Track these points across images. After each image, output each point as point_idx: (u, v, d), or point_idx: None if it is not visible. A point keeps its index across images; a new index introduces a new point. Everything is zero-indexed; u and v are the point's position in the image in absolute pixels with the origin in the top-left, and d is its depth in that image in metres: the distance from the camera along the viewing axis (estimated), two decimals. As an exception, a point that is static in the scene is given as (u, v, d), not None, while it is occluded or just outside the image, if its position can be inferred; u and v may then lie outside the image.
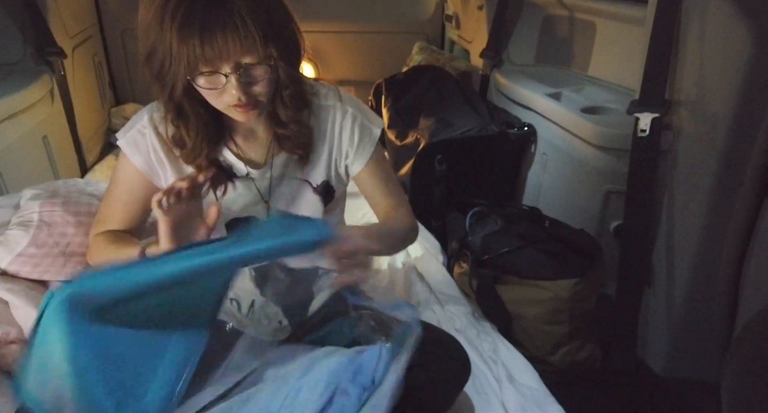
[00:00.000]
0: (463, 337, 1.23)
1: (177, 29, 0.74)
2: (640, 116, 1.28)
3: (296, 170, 0.96)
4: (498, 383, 1.10)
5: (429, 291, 1.41)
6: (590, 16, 1.82)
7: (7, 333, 1.04)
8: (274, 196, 0.96)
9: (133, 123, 0.93)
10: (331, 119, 0.95)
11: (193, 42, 0.75)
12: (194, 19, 0.74)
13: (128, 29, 2.52)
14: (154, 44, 0.78)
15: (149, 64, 0.80)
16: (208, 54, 0.76)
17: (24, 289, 1.06)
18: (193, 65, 0.77)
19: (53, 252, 1.07)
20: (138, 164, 0.91)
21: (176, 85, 0.80)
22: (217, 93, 0.81)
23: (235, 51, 0.76)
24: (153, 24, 0.77)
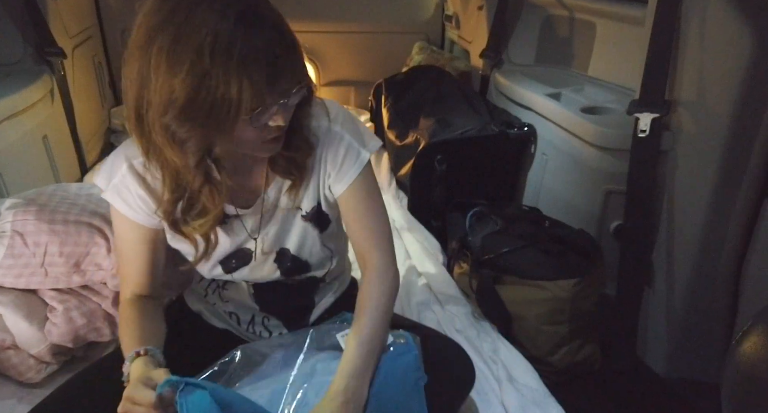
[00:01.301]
0: (463, 337, 1.23)
1: (239, 64, 0.63)
2: (640, 116, 1.28)
3: (286, 201, 0.90)
4: (498, 383, 1.10)
5: (429, 291, 1.41)
6: (590, 16, 1.82)
7: (3, 339, 1.05)
8: (267, 229, 0.91)
9: (110, 171, 0.83)
10: (320, 141, 0.88)
11: (259, 75, 0.65)
12: (253, 48, 0.64)
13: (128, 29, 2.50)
14: (193, 87, 0.65)
15: (187, 115, 0.66)
16: (272, 86, 0.67)
17: (12, 300, 1.05)
18: (256, 102, 0.67)
19: (33, 262, 1.05)
20: (130, 216, 0.85)
21: (224, 133, 0.70)
22: (260, 129, 0.72)
23: (287, 77, 0.69)
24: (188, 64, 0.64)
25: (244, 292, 1.00)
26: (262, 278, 0.96)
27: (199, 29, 0.63)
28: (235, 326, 1.05)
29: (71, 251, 1.07)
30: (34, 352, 1.06)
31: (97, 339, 1.11)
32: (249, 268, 0.93)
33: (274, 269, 0.95)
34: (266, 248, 0.92)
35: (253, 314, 1.03)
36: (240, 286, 1.00)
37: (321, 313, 1.08)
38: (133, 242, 0.87)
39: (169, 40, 0.64)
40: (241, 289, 1.00)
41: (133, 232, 0.86)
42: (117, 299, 1.12)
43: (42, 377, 1.08)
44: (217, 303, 1.03)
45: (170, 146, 0.71)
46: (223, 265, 0.92)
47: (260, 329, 1.05)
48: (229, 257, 0.91)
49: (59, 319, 1.06)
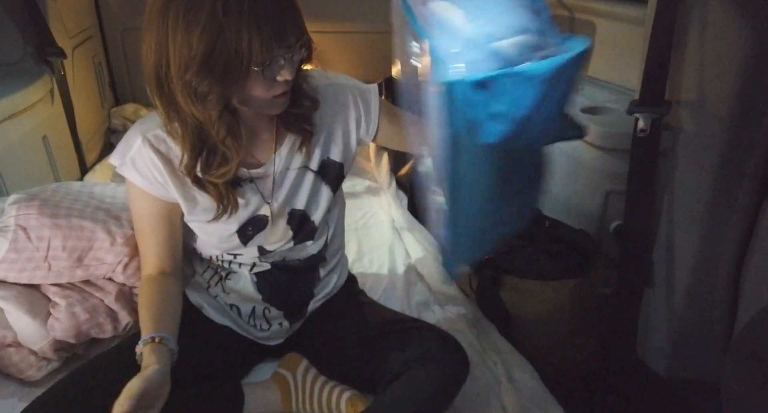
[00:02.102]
0: (463, 337, 1.23)
1: (249, 19, 0.70)
2: (639, 116, 1.28)
3: (297, 160, 0.95)
4: (497, 383, 1.10)
5: (429, 292, 1.41)
6: (590, 16, 1.82)
7: (4, 336, 1.05)
8: (279, 191, 0.95)
9: (125, 146, 0.88)
10: (325, 99, 0.94)
11: (267, 29, 0.71)
12: (260, 4, 0.71)
13: (128, 29, 2.52)
14: (210, 42, 0.71)
15: (206, 69, 0.73)
16: (279, 40, 0.73)
17: (15, 295, 1.06)
18: (264, 55, 0.73)
19: (36, 256, 1.06)
20: (146, 188, 0.89)
21: (239, 85, 0.76)
22: (269, 83, 0.78)
23: (292, 32, 0.75)
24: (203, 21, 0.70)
25: (247, 282, 1.02)
26: (275, 243, 0.98)
27: None
28: (236, 318, 1.06)
29: (74, 246, 1.08)
30: (37, 348, 1.06)
31: (99, 335, 1.11)
32: (264, 234, 0.96)
33: (287, 231, 0.98)
34: (277, 209, 0.95)
35: (255, 305, 1.04)
36: (243, 276, 1.02)
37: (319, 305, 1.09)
38: (150, 216, 0.91)
39: (183, 4, 0.71)
40: (244, 279, 1.02)
41: (149, 206, 0.90)
42: (119, 295, 1.13)
43: (42, 375, 1.08)
44: (219, 295, 1.04)
45: (192, 102, 0.76)
46: (240, 235, 0.95)
47: (260, 321, 1.06)
48: (245, 224, 0.94)
49: (62, 315, 1.07)
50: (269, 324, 1.06)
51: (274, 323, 1.07)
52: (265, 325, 1.06)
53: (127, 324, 1.13)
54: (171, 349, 0.84)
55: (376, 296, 1.37)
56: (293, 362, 1.09)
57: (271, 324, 1.06)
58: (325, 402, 1.03)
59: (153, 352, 0.81)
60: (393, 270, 1.51)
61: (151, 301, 0.90)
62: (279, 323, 1.07)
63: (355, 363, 1.02)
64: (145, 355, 0.81)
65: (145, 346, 0.82)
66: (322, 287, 1.09)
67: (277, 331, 1.08)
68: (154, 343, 0.82)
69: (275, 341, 1.10)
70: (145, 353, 0.81)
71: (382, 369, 0.94)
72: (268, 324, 1.06)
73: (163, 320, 0.87)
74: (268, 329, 1.07)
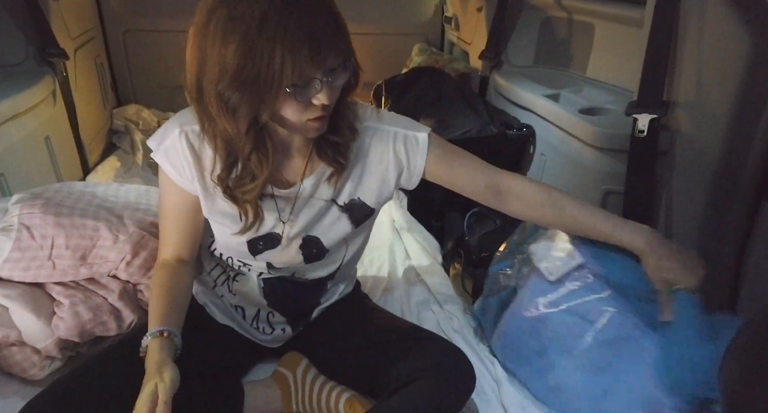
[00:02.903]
0: (461, 337, 1.23)
1: (282, 40, 0.70)
2: (638, 117, 1.28)
3: (324, 192, 0.94)
4: (497, 383, 1.11)
5: (428, 291, 1.42)
6: (589, 17, 1.83)
7: (7, 335, 1.05)
8: (298, 216, 0.94)
9: (162, 134, 0.89)
10: (368, 141, 0.93)
11: (301, 51, 0.70)
12: (297, 26, 0.70)
13: (130, 30, 2.53)
14: (242, 58, 0.71)
15: (237, 83, 0.73)
16: (315, 63, 0.72)
17: (20, 293, 1.06)
18: (297, 76, 0.72)
19: (40, 255, 1.07)
20: (175, 179, 0.89)
21: (269, 103, 0.75)
22: (304, 105, 0.77)
23: (332, 55, 0.74)
24: (238, 38, 0.70)
25: (254, 286, 1.02)
26: (284, 263, 0.99)
27: (250, 7, 0.70)
28: (240, 320, 1.06)
29: (77, 244, 1.08)
30: (41, 347, 1.06)
31: (103, 333, 1.12)
32: (274, 252, 0.96)
33: (298, 255, 0.98)
34: (293, 233, 0.95)
35: (259, 309, 1.05)
36: (251, 279, 1.02)
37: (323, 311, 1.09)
38: (175, 205, 0.92)
39: (224, 17, 0.71)
40: (252, 283, 1.02)
41: (176, 195, 0.91)
42: (123, 293, 1.13)
43: (45, 374, 1.08)
44: (225, 295, 1.05)
45: (223, 113, 0.77)
46: (249, 247, 0.95)
47: (264, 324, 1.06)
48: (257, 239, 0.94)
49: (66, 313, 1.07)
50: (272, 329, 1.07)
51: (277, 328, 1.07)
52: (268, 329, 1.07)
53: (131, 322, 1.13)
54: (176, 345, 0.85)
55: (376, 296, 1.38)
56: (293, 361, 1.09)
57: (274, 328, 1.07)
58: (324, 402, 1.03)
59: (160, 347, 0.82)
60: (393, 270, 1.51)
61: (164, 290, 0.91)
62: (282, 328, 1.07)
63: (358, 367, 1.02)
64: (152, 349, 0.82)
65: (153, 339, 0.83)
66: (328, 297, 1.09)
67: (279, 336, 1.09)
68: (162, 337, 0.83)
69: (277, 344, 1.11)
70: (152, 347, 0.82)
71: (387, 376, 0.94)
72: (271, 328, 1.07)
73: (172, 313, 0.88)
74: (270, 333, 1.07)
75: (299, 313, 1.07)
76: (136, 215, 1.16)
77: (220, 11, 0.72)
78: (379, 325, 1.07)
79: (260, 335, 1.08)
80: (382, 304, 1.32)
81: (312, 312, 1.09)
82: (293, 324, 1.08)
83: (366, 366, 1.01)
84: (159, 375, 0.78)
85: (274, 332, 1.07)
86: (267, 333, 1.07)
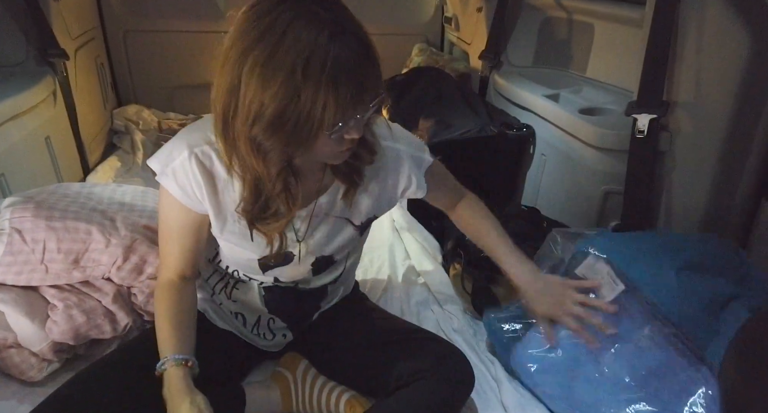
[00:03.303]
0: (461, 337, 1.23)
1: (328, 83, 0.66)
2: (637, 117, 1.28)
3: (339, 209, 0.93)
4: (497, 382, 1.11)
5: (428, 291, 1.42)
6: (588, 17, 1.83)
7: (5, 338, 1.05)
8: (313, 235, 0.93)
9: (169, 155, 0.84)
10: (383, 160, 0.92)
11: (345, 94, 0.67)
12: (343, 68, 0.66)
13: (130, 31, 2.53)
14: (282, 103, 0.67)
15: (273, 128, 0.69)
16: (357, 103, 0.70)
17: (13, 297, 1.05)
18: (339, 118, 0.69)
19: (32, 259, 1.06)
20: (183, 201, 0.86)
21: (306, 146, 0.72)
22: (337, 142, 0.75)
23: (370, 94, 0.72)
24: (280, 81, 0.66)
25: (255, 294, 1.01)
26: (292, 277, 0.99)
27: (293, 46, 0.66)
28: (240, 327, 1.06)
29: (69, 248, 1.08)
30: (37, 350, 1.06)
31: (98, 336, 1.11)
32: (285, 268, 0.96)
33: (309, 270, 0.98)
34: (308, 252, 0.95)
35: (260, 315, 1.04)
36: (251, 288, 1.01)
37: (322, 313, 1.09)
38: (179, 226, 0.89)
39: (264, 56, 0.66)
40: (252, 291, 1.01)
41: (182, 216, 0.88)
42: (117, 296, 1.13)
43: (43, 376, 1.08)
44: (224, 303, 1.04)
45: (254, 155, 0.74)
46: (261, 264, 0.94)
47: (264, 330, 1.06)
48: (269, 257, 0.92)
49: (59, 317, 1.07)
50: (273, 335, 1.07)
51: (278, 333, 1.07)
52: (269, 335, 1.06)
53: (126, 325, 1.13)
54: (196, 373, 0.85)
55: (376, 296, 1.38)
56: (293, 361, 1.09)
57: (275, 334, 1.07)
58: (324, 403, 1.03)
59: (185, 376, 0.82)
60: (393, 270, 1.51)
61: (172, 310, 0.89)
62: (283, 334, 1.07)
63: (358, 368, 1.02)
64: (176, 376, 0.82)
65: (177, 367, 0.83)
66: (329, 300, 1.10)
67: (280, 341, 1.09)
68: (185, 366, 0.83)
69: (277, 348, 1.11)
70: (176, 374, 0.82)
71: (387, 376, 0.94)
72: (272, 334, 1.06)
73: (186, 338, 0.88)
74: (272, 339, 1.07)
75: (300, 318, 1.07)
76: (130, 218, 1.15)
77: (258, 53, 0.67)
78: (379, 326, 1.07)
79: (261, 341, 1.08)
80: (382, 304, 1.32)
81: (312, 315, 1.09)
82: (293, 329, 1.08)
83: (366, 366, 1.01)
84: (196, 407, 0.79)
85: (275, 338, 1.07)
86: (268, 339, 1.07)
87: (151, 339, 0.89)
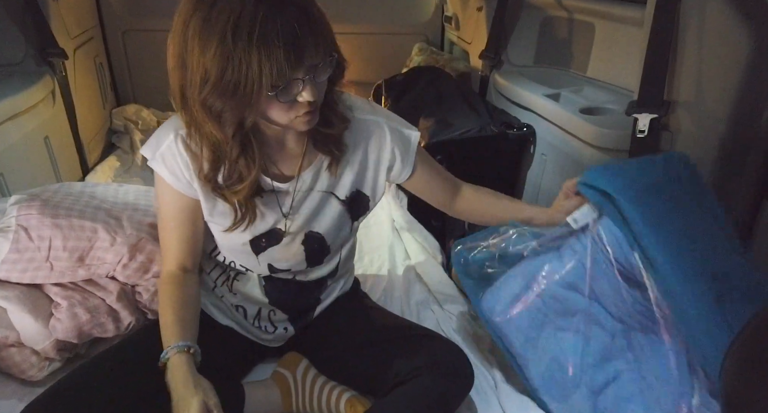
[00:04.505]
0: (461, 337, 1.23)
1: (258, 45, 0.69)
2: (638, 117, 1.28)
3: (324, 183, 0.94)
4: (496, 382, 1.11)
5: (428, 291, 1.42)
6: (589, 17, 1.83)
7: (6, 337, 1.05)
8: (299, 209, 0.95)
9: (157, 141, 0.88)
10: (365, 133, 0.94)
11: (278, 54, 0.70)
12: (272, 29, 0.69)
13: (129, 30, 2.53)
14: (221, 67, 0.71)
15: (219, 91, 0.73)
16: (293, 63, 0.71)
17: (17, 295, 1.06)
18: (276, 79, 0.72)
19: (38, 256, 1.06)
20: (173, 184, 0.89)
21: (253, 107, 0.75)
22: (289, 104, 0.77)
23: (310, 54, 0.73)
24: (215, 45, 0.70)
25: (255, 284, 1.02)
26: (287, 261, 0.99)
27: (223, 12, 0.70)
28: (241, 320, 1.06)
29: (75, 246, 1.08)
30: (39, 348, 1.06)
31: (101, 334, 1.11)
32: (277, 248, 0.96)
33: (301, 251, 0.98)
34: (295, 228, 0.95)
35: (260, 307, 1.05)
36: (252, 278, 1.02)
37: (325, 309, 1.09)
38: (175, 212, 0.91)
39: (199, 24, 0.71)
40: (253, 281, 1.02)
41: (175, 202, 0.90)
42: (121, 295, 1.13)
43: (44, 375, 1.08)
44: (225, 296, 1.05)
45: (209, 119, 0.77)
46: (252, 245, 0.95)
47: (266, 323, 1.06)
48: (259, 236, 0.94)
49: (63, 315, 1.07)
50: (274, 327, 1.07)
51: (279, 326, 1.07)
52: (270, 328, 1.07)
53: (129, 324, 1.13)
54: (197, 361, 0.86)
55: (376, 296, 1.37)
56: (293, 361, 1.09)
57: (276, 326, 1.07)
58: (324, 402, 1.03)
59: (187, 362, 0.83)
60: (393, 270, 1.51)
61: (174, 302, 0.90)
62: (284, 327, 1.08)
63: (357, 366, 1.03)
64: (179, 364, 0.82)
65: (179, 354, 0.83)
66: (328, 294, 1.10)
67: (281, 335, 1.09)
68: (187, 353, 0.84)
69: (278, 343, 1.11)
70: (179, 362, 0.83)
71: (387, 373, 0.94)
72: (273, 326, 1.07)
73: (188, 327, 0.89)
74: (273, 332, 1.07)
75: (301, 310, 1.07)
76: (135, 217, 1.16)
77: (196, 18, 0.71)
78: (379, 324, 1.07)
79: (262, 334, 1.08)
80: (381, 304, 1.32)
81: (314, 309, 1.09)
82: (295, 322, 1.08)
83: (365, 364, 1.01)
84: (201, 391, 0.79)
85: (276, 330, 1.07)
86: (269, 331, 1.07)
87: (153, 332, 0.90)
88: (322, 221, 0.97)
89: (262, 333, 1.08)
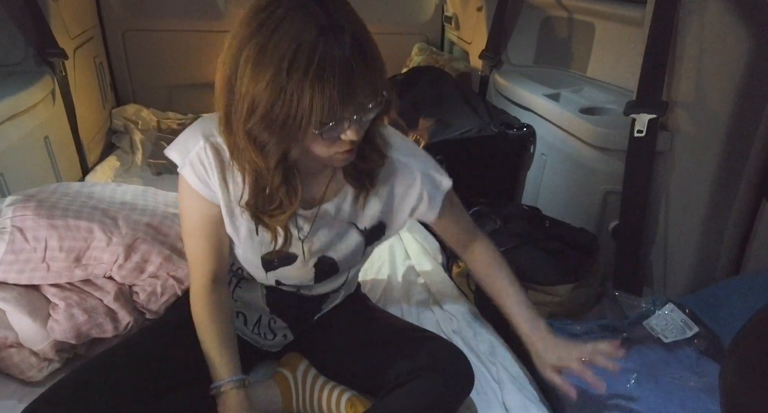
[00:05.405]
0: (461, 338, 1.23)
1: (313, 80, 0.66)
2: (636, 117, 1.28)
3: (346, 213, 0.93)
4: (497, 383, 1.11)
5: (428, 292, 1.42)
6: (589, 17, 1.83)
7: (5, 337, 1.04)
8: (316, 235, 0.93)
9: (184, 147, 0.85)
10: (397, 171, 0.92)
11: (331, 91, 0.67)
12: (329, 64, 0.67)
13: (129, 30, 2.53)
14: (271, 99, 0.68)
15: (266, 123, 0.71)
16: (345, 101, 0.69)
17: (15, 296, 1.05)
18: (326, 116, 0.69)
19: (34, 257, 1.06)
20: (202, 191, 0.86)
21: (298, 142, 0.74)
22: (332, 141, 0.75)
23: (362, 93, 0.71)
24: (269, 76, 0.67)
25: (257, 293, 1.02)
26: (296, 278, 0.98)
27: (281, 42, 0.67)
28: (241, 326, 1.06)
29: (71, 246, 1.08)
30: (38, 349, 1.06)
31: (100, 335, 1.11)
32: (288, 269, 0.95)
33: (311, 272, 0.97)
34: (311, 252, 0.94)
35: (261, 315, 1.04)
36: (254, 287, 1.01)
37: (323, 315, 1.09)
38: (203, 219, 0.89)
39: (255, 51, 0.68)
40: (255, 290, 1.02)
41: (203, 209, 0.88)
42: (119, 295, 1.13)
43: (43, 375, 1.08)
44: None
45: (252, 149, 0.75)
46: (264, 262, 0.94)
47: (265, 330, 1.06)
48: (272, 252, 0.93)
49: (61, 316, 1.07)
50: (274, 334, 1.07)
51: (279, 333, 1.07)
52: (269, 335, 1.07)
53: (127, 324, 1.13)
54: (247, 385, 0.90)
55: (376, 296, 1.37)
56: (293, 362, 1.09)
57: (276, 334, 1.07)
58: (325, 403, 1.03)
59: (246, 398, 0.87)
60: (393, 270, 1.51)
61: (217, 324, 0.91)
62: (284, 334, 1.07)
63: (358, 367, 1.03)
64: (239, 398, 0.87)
65: (238, 390, 0.87)
66: (330, 303, 1.10)
67: (281, 341, 1.09)
68: (245, 388, 0.88)
69: (277, 348, 1.11)
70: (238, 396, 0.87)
71: (387, 375, 0.94)
72: (272, 334, 1.07)
73: (235, 352, 0.91)
74: (272, 339, 1.07)
75: (301, 319, 1.08)
76: (131, 217, 1.15)
77: (251, 47, 0.68)
78: (379, 325, 1.07)
79: (261, 340, 1.08)
80: (382, 304, 1.32)
81: (313, 317, 1.09)
82: (294, 329, 1.08)
83: (366, 365, 1.01)
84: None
85: (275, 338, 1.07)
86: (269, 338, 1.07)
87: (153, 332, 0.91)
88: (338, 249, 0.96)
89: (262, 340, 1.08)
